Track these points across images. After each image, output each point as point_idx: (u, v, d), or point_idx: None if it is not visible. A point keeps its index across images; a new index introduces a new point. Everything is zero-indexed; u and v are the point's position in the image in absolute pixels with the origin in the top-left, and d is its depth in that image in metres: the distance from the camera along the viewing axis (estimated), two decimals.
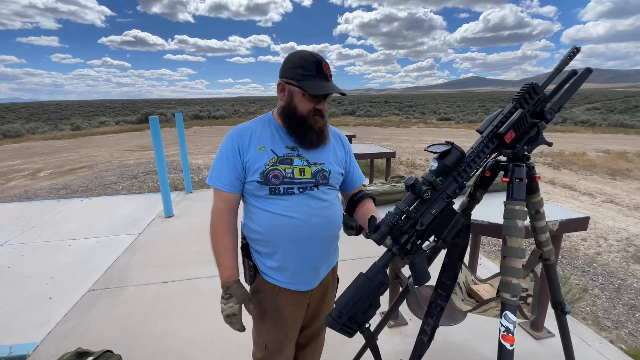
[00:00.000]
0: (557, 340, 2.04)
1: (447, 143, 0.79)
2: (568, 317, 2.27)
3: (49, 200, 5.39)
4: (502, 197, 0.87)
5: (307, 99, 1.04)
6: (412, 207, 0.81)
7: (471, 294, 1.10)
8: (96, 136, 17.11)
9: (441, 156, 0.79)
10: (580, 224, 1.75)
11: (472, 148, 0.83)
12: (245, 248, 1.16)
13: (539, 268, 1.07)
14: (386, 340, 2.03)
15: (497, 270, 3.08)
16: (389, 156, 4.48)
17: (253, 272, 1.15)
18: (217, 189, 1.08)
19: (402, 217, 0.80)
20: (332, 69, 1.07)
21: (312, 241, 1.09)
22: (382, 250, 0.87)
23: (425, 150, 0.79)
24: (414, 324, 2.17)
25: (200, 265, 2.98)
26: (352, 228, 1.22)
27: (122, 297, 2.56)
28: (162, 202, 4.31)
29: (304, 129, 1.06)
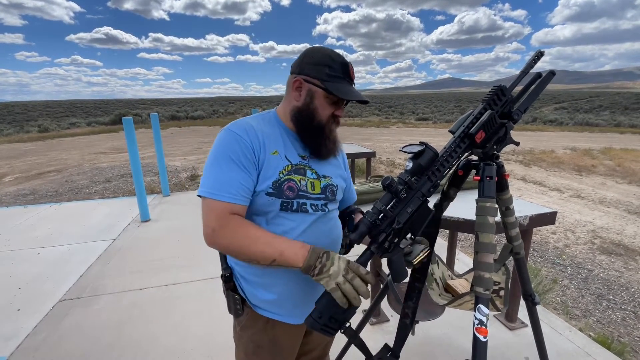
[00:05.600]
0: (530, 330, 2.13)
1: (421, 143, 0.81)
2: (539, 307, 2.39)
3: (15, 206, 5.11)
4: (475, 194, 0.91)
5: (328, 103, 0.91)
6: (389, 206, 0.83)
7: (448, 288, 1.14)
8: (66, 138, 16.35)
9: (415, 156, 0.81)
10: (548, 218, 1.84)
11: (445, 148, 0.86)
12: (230, 280, 0.98)
13: (511, 262, 1.12)
14: (368, 337, 2.06)
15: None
16: (369, 156, 4.54)
17: (240, 305, 0.97)
18: (222, 201, 0.82)
19: (380, 216, 0.82)
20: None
21: None
22: (362, 249, 0.88)
23: (400, 150, 0.81)
24: (396, 321, 2.20)
25: (179, 271, 2.91)
26: (342, 246, 1.07)
27: (96, 306, 2.46)
28: (137, 206, 4.17)
29: (321, 137, 0.93)
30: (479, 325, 0.79)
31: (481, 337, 0.79)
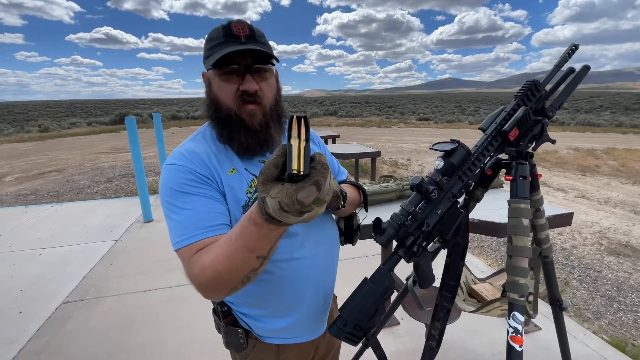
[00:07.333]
0: (544, 333, 2.09)
1: (453, 141, 0.77)
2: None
3: (16, 206, 5.06)
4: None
5: (224, 80, 0.73)
6: (418, 207, 0.78)
7: (472, 293, 1.09)
8: (66, 138, 16.30)
9: (447, 154, 0.76)
10: (565, 219, 1.80)
11: (476, 146, 0.81)
12: (228, 314, 0.86)
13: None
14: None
15: (483, 267, 3.13)
16: (374, 156, 4.50)
17: (244, 338, 0.86)
18: (187, 245, 0.68)
19: (408, 219, 0.77)
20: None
21: (322, 277, 0.88)
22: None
23: (430, 148, 0.76)
24: (406, 324, 2.16)
25: (184, 272, 2.86)
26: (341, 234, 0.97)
27: (100, 308, 2.42)
28: (140, 206, 4.13)
29: (231, 127, 0.75)
30: (513, 334, 0.75)
31: (516, 347, 0.74)
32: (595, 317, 2.66)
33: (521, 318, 0.75)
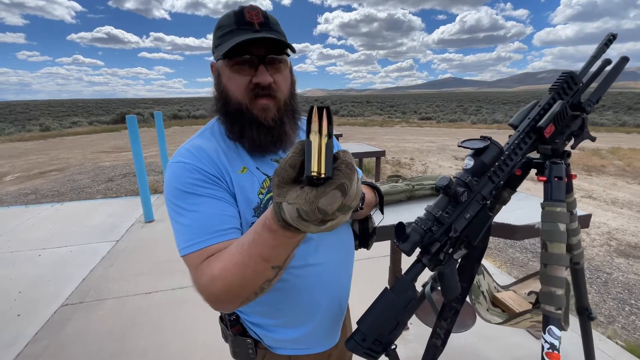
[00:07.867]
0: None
1: (484, 138, 0.70)
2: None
3: (16, 206, 5.01)
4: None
5: (235, 71, 0.67)
6: (444, 211, 0.71)
7: (495, 302, 1.03)
8: (68, 137, 16.26)
9: (477, 153, 0.69)
10: (583, 221, 1.72)
11: (507, 144, 0.75)
12: (237, 323, 0.81)
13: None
14: None
15: (492, 269, 3.03)
16: (378, 155, 4.43)
17: (253, 348, 0.80)
18: (194, 251, 0.63)
19: (434, 223, 0.70)
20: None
21: (337, 284, 0.82)
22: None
23: (459, 145, 0.69)
24: (415, 329, 2.10)
25: (186, 273, 2.78)
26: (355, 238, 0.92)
27: (100, 311, 2.36)
28: (141, 206, 4.07)
29: (242, 123, 0.69)
30: (549, 350, 0.68)
31: None
32: (608, 321, 2.59)
33: (558, 333, 0.69)
